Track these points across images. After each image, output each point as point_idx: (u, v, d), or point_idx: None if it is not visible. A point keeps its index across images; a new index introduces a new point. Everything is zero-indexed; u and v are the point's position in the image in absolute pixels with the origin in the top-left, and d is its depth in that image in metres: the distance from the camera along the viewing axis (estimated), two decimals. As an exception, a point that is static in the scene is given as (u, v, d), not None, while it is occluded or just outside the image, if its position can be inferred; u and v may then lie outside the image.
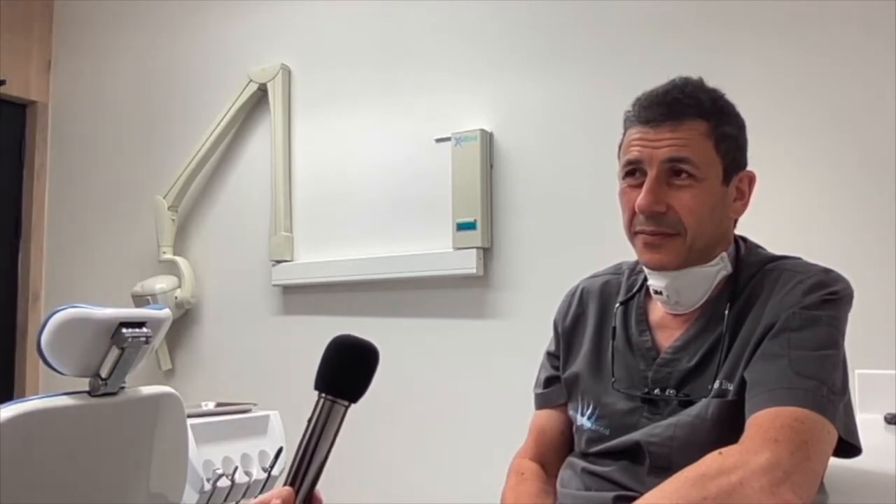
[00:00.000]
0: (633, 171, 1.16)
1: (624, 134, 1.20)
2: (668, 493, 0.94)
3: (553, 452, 1.29)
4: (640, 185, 1.14)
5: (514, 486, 1.26)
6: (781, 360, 1.03)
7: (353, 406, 0.78)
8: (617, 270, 1.34)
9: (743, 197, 1.20)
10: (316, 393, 0.76)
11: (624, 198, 1.18)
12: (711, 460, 0.96)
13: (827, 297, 1.08)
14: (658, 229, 1.13)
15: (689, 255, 1.14)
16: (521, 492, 1.24)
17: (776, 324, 1.07)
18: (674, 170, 1.12)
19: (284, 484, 0.75)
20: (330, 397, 0.76)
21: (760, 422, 0.99)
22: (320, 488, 0.76)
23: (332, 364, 0.78)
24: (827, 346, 1.05)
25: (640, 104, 1.18)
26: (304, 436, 0.75)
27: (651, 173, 1.13)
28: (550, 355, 1.35)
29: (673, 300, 1.17)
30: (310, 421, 0.76)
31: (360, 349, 0.80)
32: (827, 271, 1.12)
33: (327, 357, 0.79)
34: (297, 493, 0.74)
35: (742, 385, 1.06)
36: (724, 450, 0.97)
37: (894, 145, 1.81)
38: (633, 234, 1.18)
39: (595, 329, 1.28)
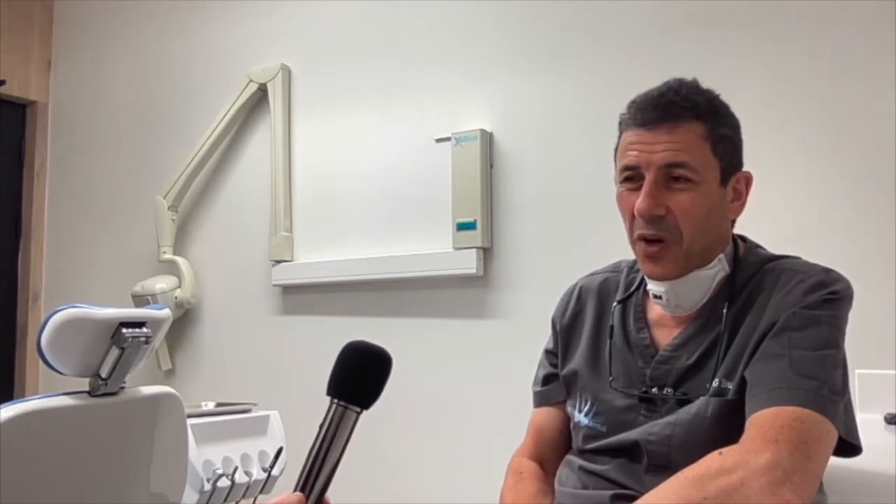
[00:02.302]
0: (630, 175, 1.16)
1: (619, 137, 1.20)
2: (668, 494, 0.94)
3: (551, 451, 1.30)
4: (638, 189, 1.14)
5: (512, 485, 1.26)
6: (782, 360, 1.03)
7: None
8: (616, 268, 1.34)
9: (740, 197, 1.20)
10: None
11: (622, 202, 1.18)
12: (711, 460, 0.96)
13: (828, 297, 1.08)
14: (657, 233, 1.13)
15: (687, 262, 1.14)
16: (520, 491, 1.24)
17: (777, 323, 1.07)
18: (672, 174, 1.12)
19: (294, 489, 0.74)
20: (342, 403, 0.76)
21: (760, 421, 0.99)
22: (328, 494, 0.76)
23: (345, 370, 0.77)
24: (827, 346, 1.05)
25: (635, 107, 1.17)
26: (315, 441, 0.75)
27: (649, 177, 1.12)
28: (548, 353, 1.35)
29: (673, 304, 1.17)
30: (321, 426, 0.75)
31: (374, 356, 0.79)
32: (827, 271, 1.12)
33: (341, 363, 0.78)
34: (307, 498, 0.74)
35: (742, 384, 1.06)
36: (724, 450, 0.97)
37: (894, 145, 1.81)
38: (634, 239, 1.18)
39: (593, 326, 1.28)
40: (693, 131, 1.12)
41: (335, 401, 0.76)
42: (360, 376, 0.77)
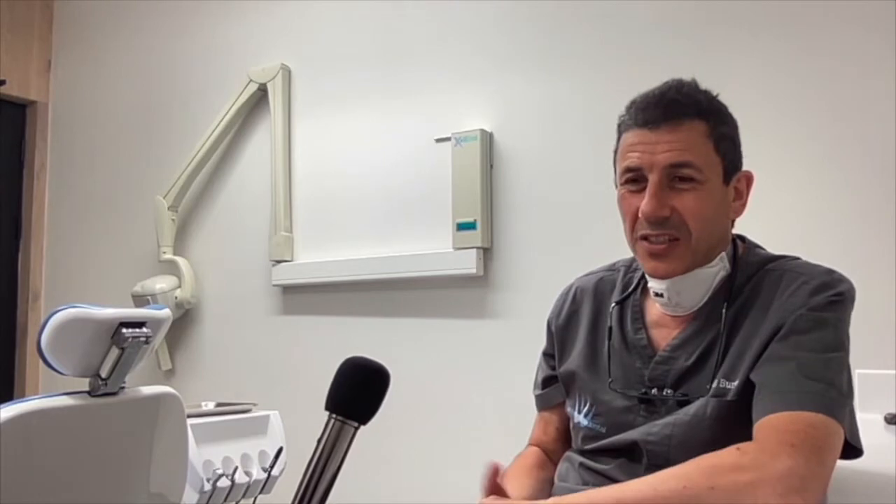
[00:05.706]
0: (633, 177, 1.15)
1: (619, 139, 1.19)
2: (677, 476, 0.95)
3: (555, 453, 1.30)
4: (640, 191, 1.13)
5: (511, 465, 1.28)
6: (790, 363, 1.03)
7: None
8: (612, 268, 1.34)
9: (741, 197, 1.19)
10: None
11: (624, 203, 1.17)
12: (728, 454, 0.97)
13: (832, 299, 1.08)
14: (663, 232, 1.12)
15: (693, 259, 1.13)
16: (518, 464, 1.27)
17: (783, 326, 1.06)
18: (676, 174, 1.11)
19: (293, 502, 0.75)
20: (340, 418, 0.77)
21: (775, 424, 0.99)
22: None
23: (343, 385, 0.79)
24: (834, 349, 1.05)
25: (635, 107, 1.16)
26: (313, 456, 0.76)
27: (653, 178, 1.11)
28: (546, 355, 1.36)
29: (674, 302, 1.16)
30: (319, 441, 0.77)
31: (372, 371, 0.81)
32: (830, 272, 1.12)
33: (339, 378, 0.80)
34: None
35: (744, 387, 1.06)
36: (741, 445, 0.97)
37: (894, 145, 1.81)
38: (635, 240, 1.17)
39: (590, 327, 1.28)
40: (696, 129, 1.12)
41: (333, 415, 0.77)
42: (357, 392, 0.79)
